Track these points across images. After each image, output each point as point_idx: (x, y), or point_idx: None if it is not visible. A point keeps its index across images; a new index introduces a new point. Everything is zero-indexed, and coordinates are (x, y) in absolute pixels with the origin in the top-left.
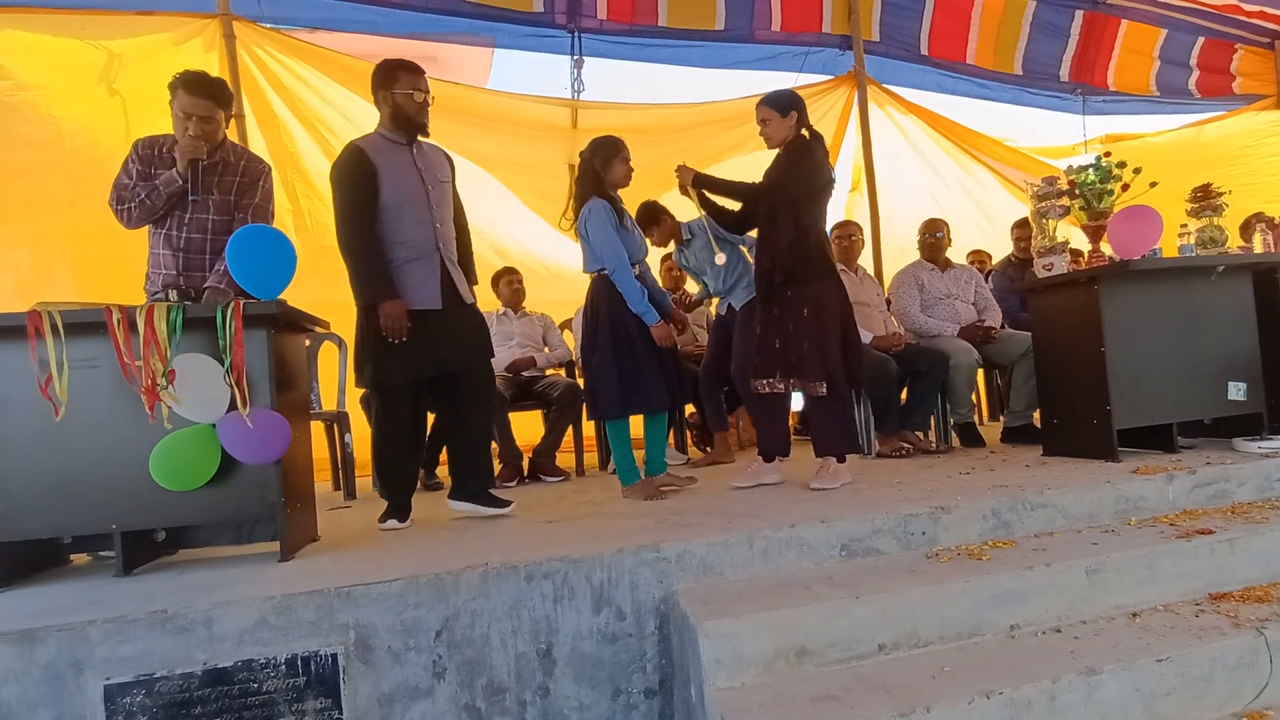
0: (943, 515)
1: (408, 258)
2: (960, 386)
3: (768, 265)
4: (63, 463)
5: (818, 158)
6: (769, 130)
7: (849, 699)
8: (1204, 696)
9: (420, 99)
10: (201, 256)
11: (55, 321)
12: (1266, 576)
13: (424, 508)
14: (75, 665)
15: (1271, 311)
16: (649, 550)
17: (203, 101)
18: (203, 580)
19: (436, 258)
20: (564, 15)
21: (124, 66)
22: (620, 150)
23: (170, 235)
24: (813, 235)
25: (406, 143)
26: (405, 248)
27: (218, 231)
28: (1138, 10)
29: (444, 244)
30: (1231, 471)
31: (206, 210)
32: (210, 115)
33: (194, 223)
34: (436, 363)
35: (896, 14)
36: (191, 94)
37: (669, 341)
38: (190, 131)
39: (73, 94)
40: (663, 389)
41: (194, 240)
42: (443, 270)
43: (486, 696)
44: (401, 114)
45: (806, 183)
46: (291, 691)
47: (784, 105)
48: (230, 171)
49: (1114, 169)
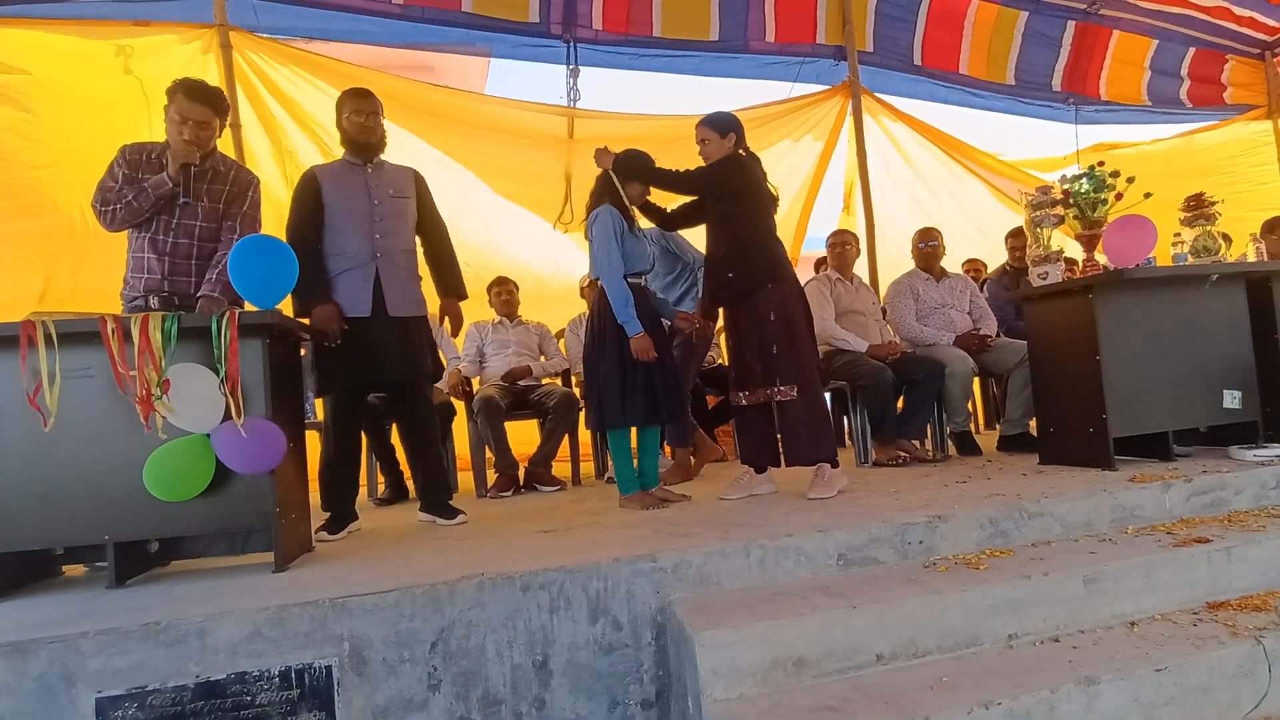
0: (940, 524)
1: (345, 267)
2: (956, 395)
3: (727, 276)
4: (55, 473)
5: (750, 168)
6: (708, 150)
7: (847, 709)
8: (1203, 706)
9: (360, 119)
10: (188, 262)
11: (49, 331)
12: (1264, 585)
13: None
14: (67, 678)
15: (1265, 320)
16: (645, 560)
17: (201, 108)
18: (196, 591)
19: (371, 268)
20: (559, 25)
21: (135, 55)
22: (646, 164)
23: (156, 239)
24: (764, 238)
25: (362, 163)
26: (345, 258)
27: (204, 238)
28: (1129, 21)
29: (383, 255)
30: (1228, 480)
31: (195, 217)
32: (207, 121)
33: (181, 228)
34: (369, 370)
35: (890, 24)
36: (191, 99)
37: (646, 355)
38: (185, 136)
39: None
40: (664, 401)
41: (180, 246)
42: (376, 280)
43: (482, 708)
44: (348, 137)
45: (738, 180)
46: (285, 704)
47: (723, 127)
48: (220, 180)
49: (1108, 178)
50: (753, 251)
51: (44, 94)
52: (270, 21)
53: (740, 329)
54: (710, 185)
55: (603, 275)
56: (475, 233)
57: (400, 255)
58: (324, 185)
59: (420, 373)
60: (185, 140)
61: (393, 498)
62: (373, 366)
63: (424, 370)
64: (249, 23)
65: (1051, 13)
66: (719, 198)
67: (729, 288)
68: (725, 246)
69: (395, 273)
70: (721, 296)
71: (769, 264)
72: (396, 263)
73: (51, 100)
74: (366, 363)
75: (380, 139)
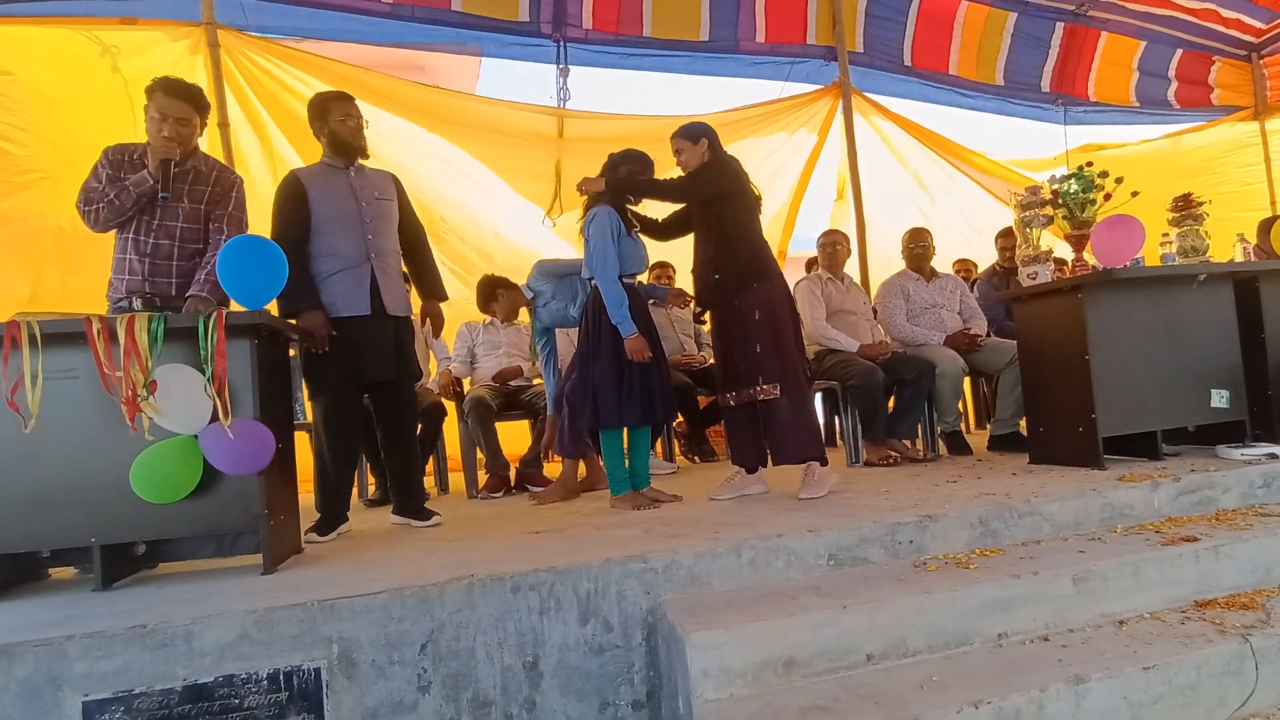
0: (930, 524)
1: (340, 268)
2: (947, 395)
3: (714, 278)
4: (41, 475)
5: (732, 169)
6: (684, 159)
7: (837, 710)
8: (1191, 704)
9: (353, 124)
10: (169, 263)
11: (34, 332)
12: (1251, 583)
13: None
14: (53, 681)
15: (1252, 319)
16: (636, 561)
17: (180, 104)
18: (183, 594)
19: (367, 268)
20: (550, 25)
21: (121, 54)
22: (648, 170)
23: (138, 240)
24: (750, 239)
25: (344, 166)
26: (338, 259)
27: (186, 239)
28: (1117, 22)
29: (376, 255)
30: (1216, 479)
31: (176, 218)
32: (187, 119)
33: (162, 229)
34: (362, 368)
35: (880, 25)
36: (170, 96)
37: (640, 356)
38: (165, 133)
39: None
40: (661, 402)
41: (162, 246)
42: (372, 280)
43: (472, 710)
44: (338, 140)
45: (722, 181)
46: (274, 707)
47: (694, 135)
48: (201, 181)
49: (1096, 179)
50: (739, 253)
51: (29, 95)
52: (259, 20)
53: (727, 330)
54: (695, 190)
55: (598, 275)
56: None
57: (390, 256)
58: (309, 188)
59: (410, 373)
60: (165, 137)
61: (383, 498)
62: (368, 365)
63: (414, 371)
64: (237, 21)
65: (1040, 14)
66: (705, 201)
67: (715, 289)
68: (712, 249)
69: (388, 273)
70: (708, 299)
71: (755, 264)
72: (388, 263)
73: (37, 101)
74: (362, 361)
75: (365, 142)
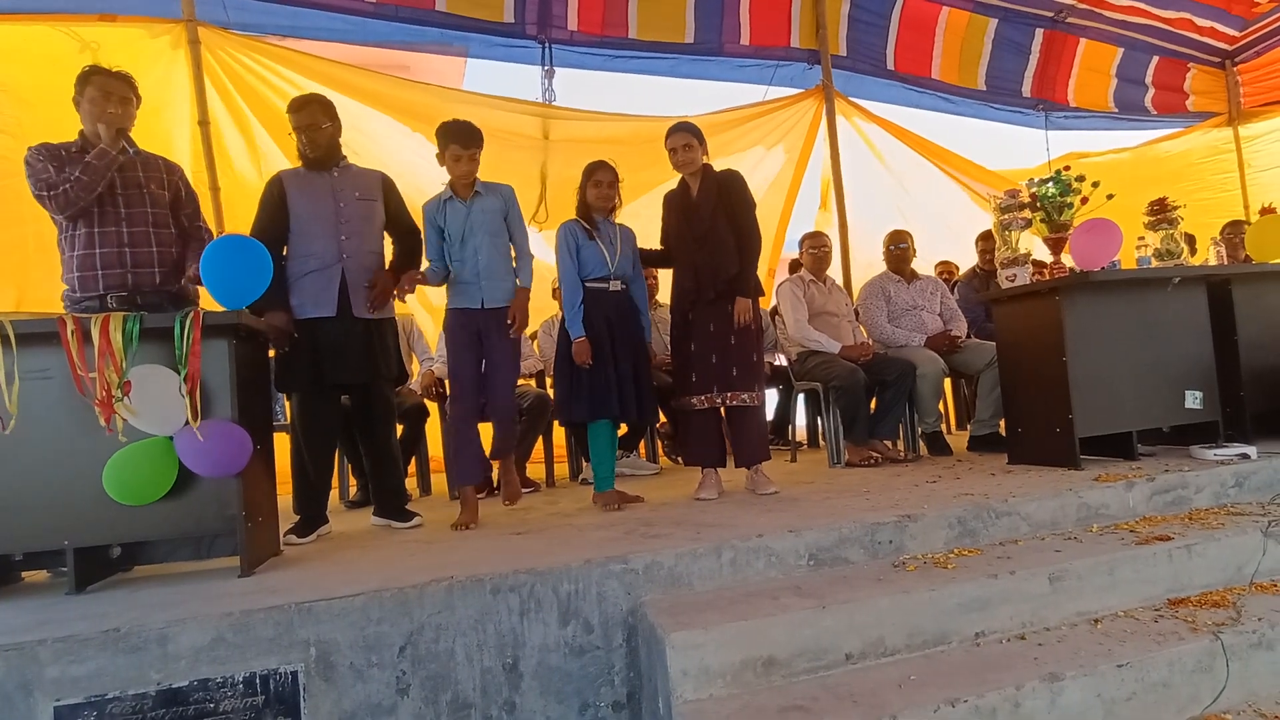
0: (909, 524)
1: (312, 269)
2: (927, 396)
3: (694, 283)
4: (13, 476)
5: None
6: (692, 155)
7: (816, 709)
8: (1163, 701)
9: (308, 136)
10: (149, 250)
11: (6, 332)
12: (1223, 581)
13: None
14: (24, 686)
15: (1225, 321)
16: (617, 561)
17: (120, 84)
18: (158, 597)
19: (337, 269)
20: (535, 26)
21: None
22: (592, 174)
23: (106, 234)
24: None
25: (320, 170)
26: (311, 259)
27: (159, 224)
28: (1095, 29)
29: (349, 256)
30: (1189, 478)
31: (144, 203)
32: (127, 98)
33: (132, 217)
34: (330, 370)
35: (863, 29)
36: (109, 77)
37: (580, 360)
38: (111, 108)
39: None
40: (614, 397)
41: (138, 234)
42: (342, 281)
43: (451, 713)
44: (298, 150)
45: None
46: (250, 711)
47: (701, 137)
48: (154, 168)
49: (1073, 182)
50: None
51: (5, 94)
52: (240, 18)
53: (707, 333)
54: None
55: (560, 283)
56: None
57: (367, 256)
58: (289, 190)
59: (380, 374)
60: (112, 111)
61: (365, 500)
62: (333, 366)
63: (385, 373)
64: (219, 18)
65: (1020, 20)
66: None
67: (694, 294)
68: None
69: (361, 274)
70: (688, 302)
71: (749, 272)
72: (363, 264)
73: (14, 102)
74: (328, 363)
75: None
